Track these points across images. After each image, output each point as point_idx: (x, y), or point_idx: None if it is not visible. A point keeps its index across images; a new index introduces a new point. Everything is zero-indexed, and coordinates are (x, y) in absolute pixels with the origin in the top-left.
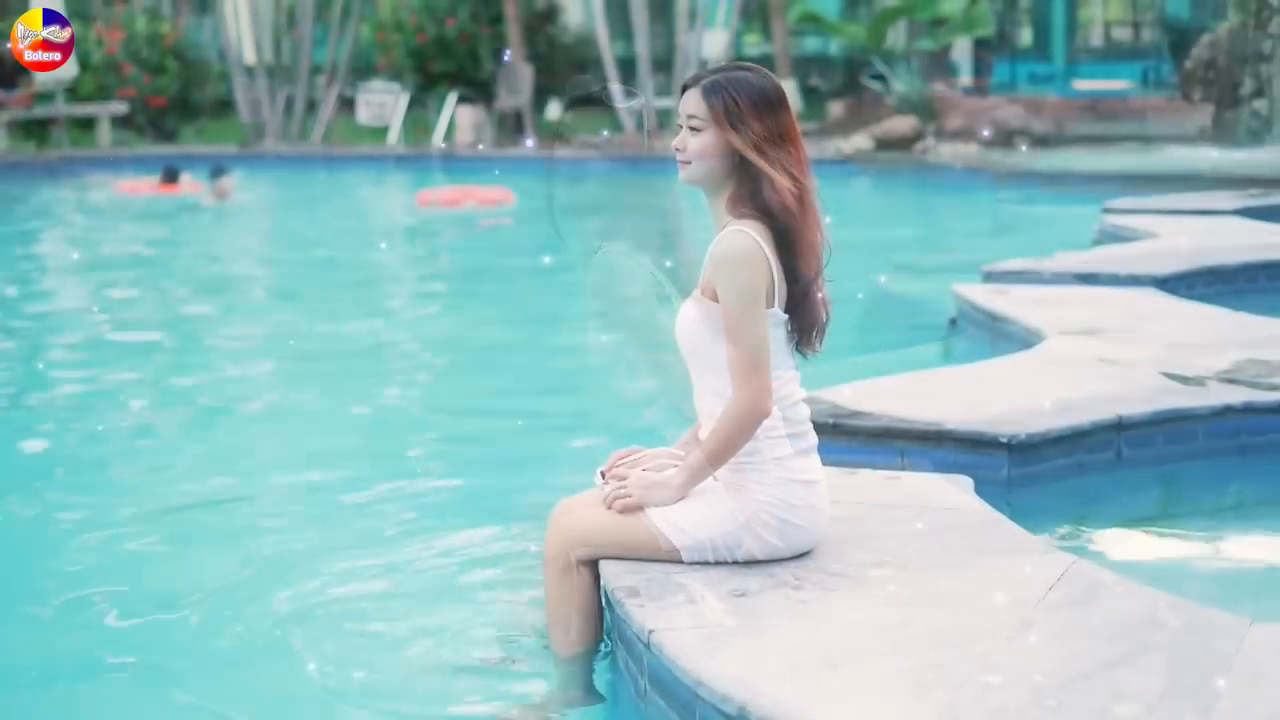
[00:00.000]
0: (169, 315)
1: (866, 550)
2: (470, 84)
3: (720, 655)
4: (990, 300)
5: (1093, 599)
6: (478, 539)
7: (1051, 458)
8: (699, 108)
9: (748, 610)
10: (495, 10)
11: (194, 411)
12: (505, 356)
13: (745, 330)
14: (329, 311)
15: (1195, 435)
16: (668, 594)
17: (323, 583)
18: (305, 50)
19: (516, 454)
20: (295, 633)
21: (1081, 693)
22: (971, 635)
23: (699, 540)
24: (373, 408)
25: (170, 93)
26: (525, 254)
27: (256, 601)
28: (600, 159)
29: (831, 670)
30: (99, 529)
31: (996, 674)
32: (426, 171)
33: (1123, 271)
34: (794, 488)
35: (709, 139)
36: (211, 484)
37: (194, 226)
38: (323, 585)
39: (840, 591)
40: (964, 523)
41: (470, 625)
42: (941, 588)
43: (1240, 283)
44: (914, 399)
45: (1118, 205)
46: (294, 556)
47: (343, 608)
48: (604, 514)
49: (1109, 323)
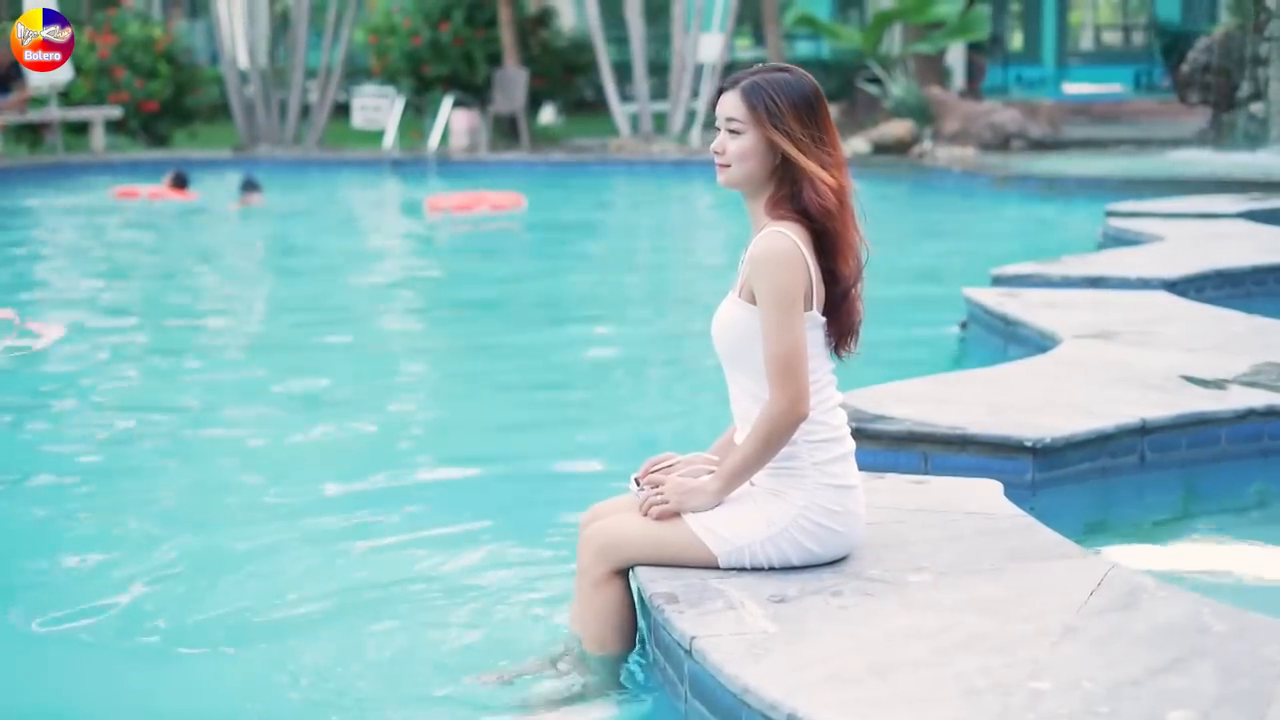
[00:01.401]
0: (194, 320)
1: (902, 555)
2: (465, 88)
3: (765, 662)
4: (1002, 304)
5: (1135, 604)
6: (500, 546)
7: (1075, 461)
8: (739, 110)
9: (788, 616)
10: (489, 14)
11: (207, 414)
12: (526, 361)
13: (783, 332)
14: (359, 319)
15: (1218, 439)
16: (706, 600)
17: (341, 592)
18: (300, 54)
19: (537, 460)
20: (326, 641)
21: (1132, 699)
22: (1015, 641)
23: (736, 546)
24: (398, 413)
25: (163, 97)
26: (542, 258)
27: (287, 609)
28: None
29: (879, 677)
30: (121, 536)
31: (1045, 680)
32: (423, 176)
33: (1132, 275)
34: (832, 493)
35: (750, 141)
36: (219, 493)
37: (213, 232)
38: (342, 594)
39: (880, 597)
40: (997, 527)
41: (498, 632)
42: (981, 593)
43: (1249, 285)
44: (935, 403)
45: (1121, 209)
46: (323, 563)
47: (371, 615)
48: (639, 521)
49: (1123, 326)
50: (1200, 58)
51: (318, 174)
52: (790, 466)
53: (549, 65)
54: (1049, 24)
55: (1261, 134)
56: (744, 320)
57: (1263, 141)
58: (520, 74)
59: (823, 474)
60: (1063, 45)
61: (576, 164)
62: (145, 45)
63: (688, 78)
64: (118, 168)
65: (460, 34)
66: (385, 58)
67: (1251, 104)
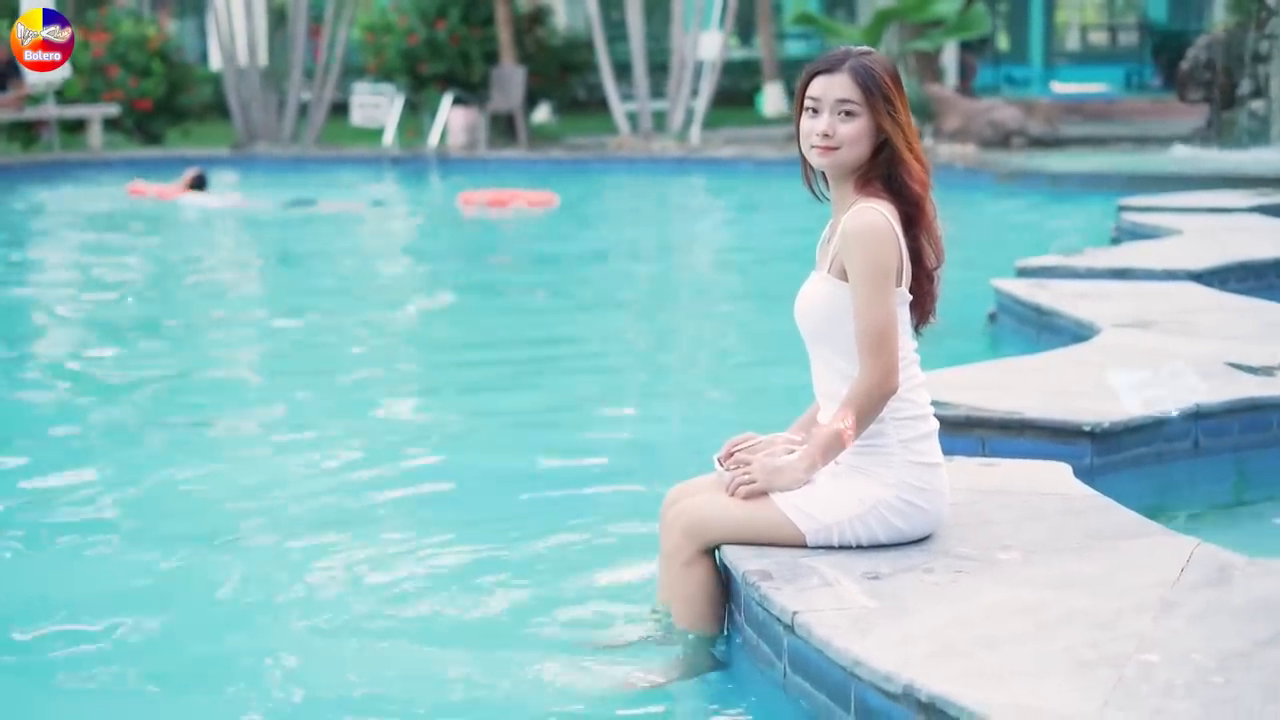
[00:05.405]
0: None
1: (986, 534)
2: (461, 86)
3: (871, 636)
4: (1034, 294)
5: (1228, 580)
6: (567, 527)
7: (1131, 446)
8: (853, 92)
9: (886, 593)
10: (485, 12)
11: (233, 406)
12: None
13: (875, 306)
14: (395, 315)
15: (1270, 424)
16: (800, 577)
17: (412, 568)
18: (298, 51)
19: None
20: (393, 616)
21: (1244, 670)
22: (1115, 616)
23: (825, 524)
24: (444, 400)
25: (157, 96)
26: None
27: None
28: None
29: (989, 650)
30: (129, 533)
31: (1154, 653)
32: (425, 173)
33: (1157, 267)
34: (919, 471)
35: (863, 124)
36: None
37: (243, 232)
38: (412, 571)
39: (973, 574)
40: (1074, 507)
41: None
42: (1071, 570)
43: (1272, 277)
44: (988, 389)
45: (1134, 203)
46: (391, 541)
47: (443, 594)
48: (725, 500)
49: (1159, 315)
50: (1200, 55)
51: (316, 172)
52: (878, 445)
53: (544, 64)
54: (1036, 24)
55: (1262, 131)
56: (834, 296)
57: (1264, 139)
58: (517, 72)
59: (910, 452)
60: (1050, 45)
61: (577, 161)
62: (139, 44)
63: (687, 75)
64: (115, 165)
65: (456, 32)
66: (381, 56)
67: (1252, 101)
